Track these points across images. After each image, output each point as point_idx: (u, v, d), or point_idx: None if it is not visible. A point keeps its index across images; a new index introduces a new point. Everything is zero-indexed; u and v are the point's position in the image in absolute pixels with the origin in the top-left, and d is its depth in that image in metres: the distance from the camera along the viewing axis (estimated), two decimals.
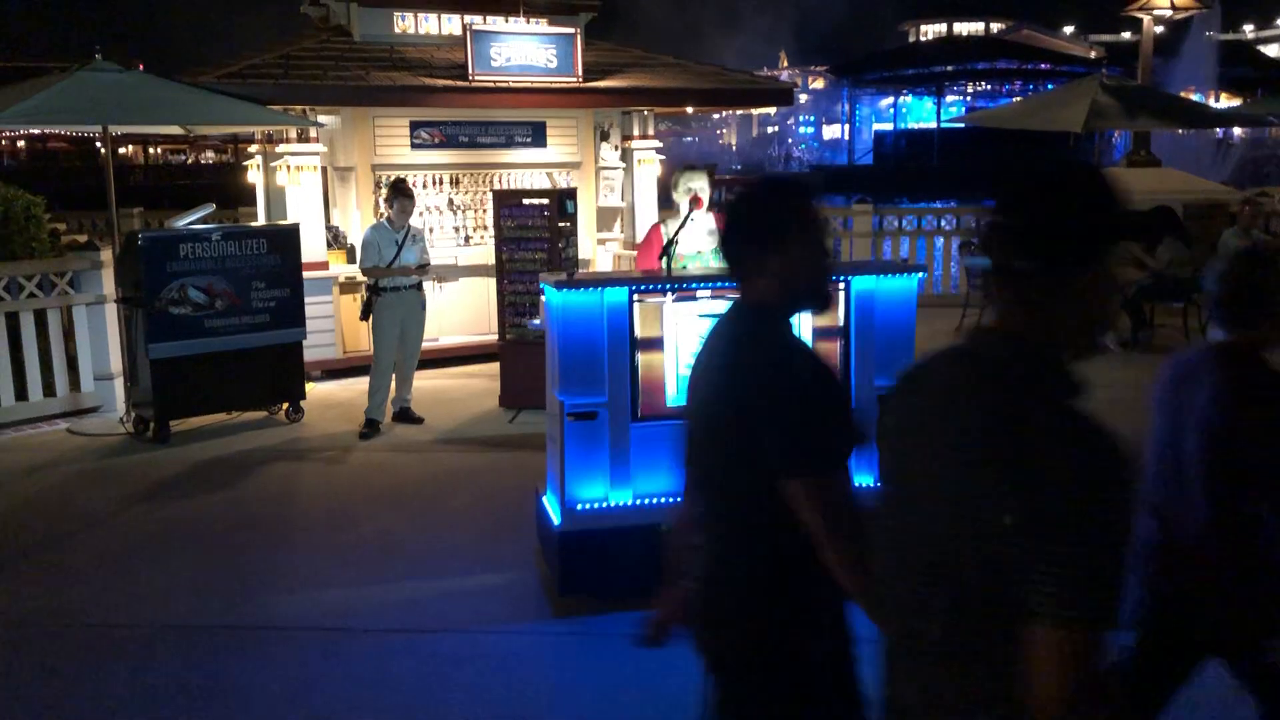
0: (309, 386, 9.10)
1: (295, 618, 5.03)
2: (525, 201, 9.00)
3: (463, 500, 6.73)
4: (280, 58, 10.05)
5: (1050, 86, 75.90)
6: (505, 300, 9.02)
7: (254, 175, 11.03)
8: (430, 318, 8.81)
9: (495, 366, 9.22)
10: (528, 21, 10.96)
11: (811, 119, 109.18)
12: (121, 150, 62.99)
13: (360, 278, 8.88)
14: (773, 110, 46.01)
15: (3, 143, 68.65)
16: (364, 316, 8.37)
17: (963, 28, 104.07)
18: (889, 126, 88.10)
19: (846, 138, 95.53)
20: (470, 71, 10.15)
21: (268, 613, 5.09)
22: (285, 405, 8.66)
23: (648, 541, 4.87)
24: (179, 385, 8.04)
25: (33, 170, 56.75)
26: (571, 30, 10.70)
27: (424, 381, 9.23)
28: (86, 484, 7.11)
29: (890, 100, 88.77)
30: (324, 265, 9.95)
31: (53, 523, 6.38)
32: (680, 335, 4.92)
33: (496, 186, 10.76)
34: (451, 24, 11.03)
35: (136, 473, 7.31)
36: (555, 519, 5.01)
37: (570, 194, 9.43)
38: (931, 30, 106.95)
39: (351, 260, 9.98)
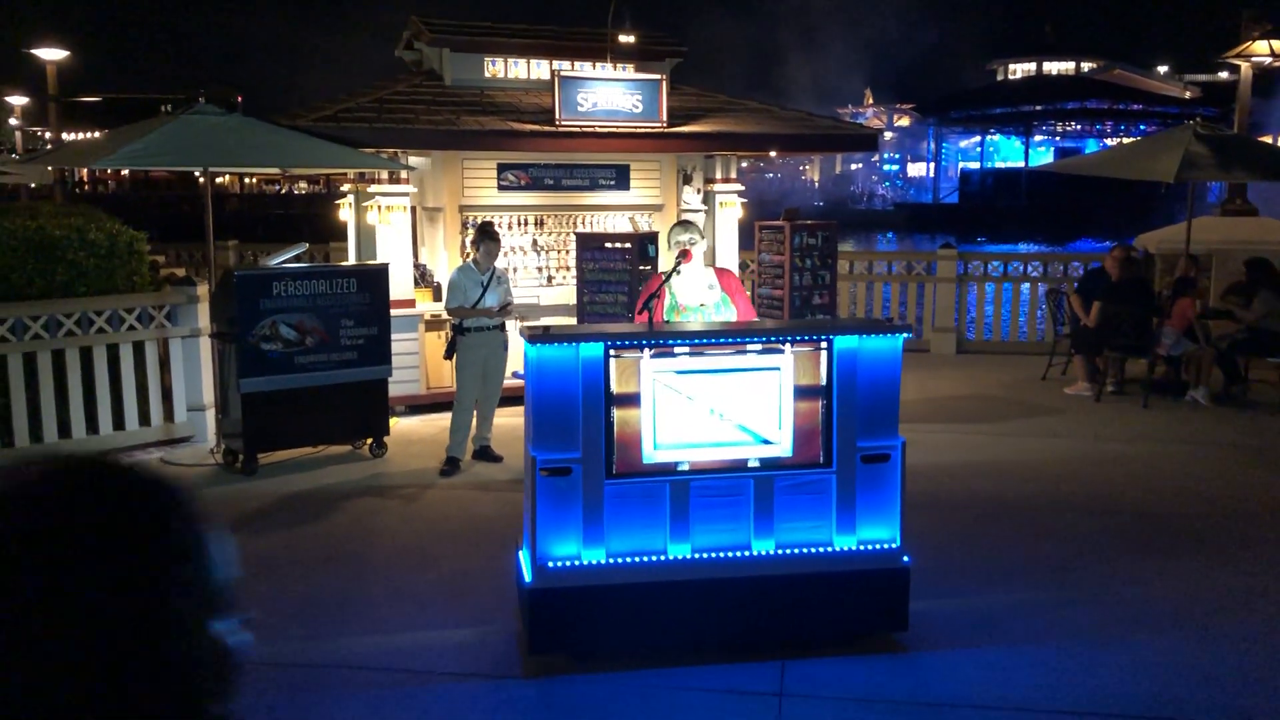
0: (393, 422, 9.29)
1: (369, 658, 5.12)
2: (607, 245, 9.14)
3: None
4: (374, 101, 10.35)
5: (1143, 128, 74.58)
6: None
7: (346, 213, 11.36)
8: (512, 356, 8.94)
9: None
10: (615, 68, 11.13)
11: (896, 156, 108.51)
12: (219, 179, 65.10)
13: (445, 316, 9.07)
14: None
15: (108, 171, 71.44)
16: (448, 356, 8.54)
17: (1052, 67, 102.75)
18: (975, 165, 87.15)
19: (931, 175, 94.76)
20: (557, 117, 10.34)
21: (343, 652, 5.20)
22: (369, 441, 8.86)
23: (622, 601, 4.92)
24: (268, 419, 8.28)
25: (135, 200, 58.99)
26: (657, 76, 10.84)
27: (504, 419, 9.35)
28: None
29: (977, 139, 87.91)
30: (410, 303, 10.17)
31: None
32: (658, 392, 4.93)
33: (580, 227, 10.92)
34: (540, 69, 11.25)
35: (224, 504, 7.52)
36: (526, 576, 4.96)
37: (651, 238, 9.54)
38: (1020, 69, 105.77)
39: (437, 298, 10.20)
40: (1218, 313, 11.51)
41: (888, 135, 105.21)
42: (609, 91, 10.59)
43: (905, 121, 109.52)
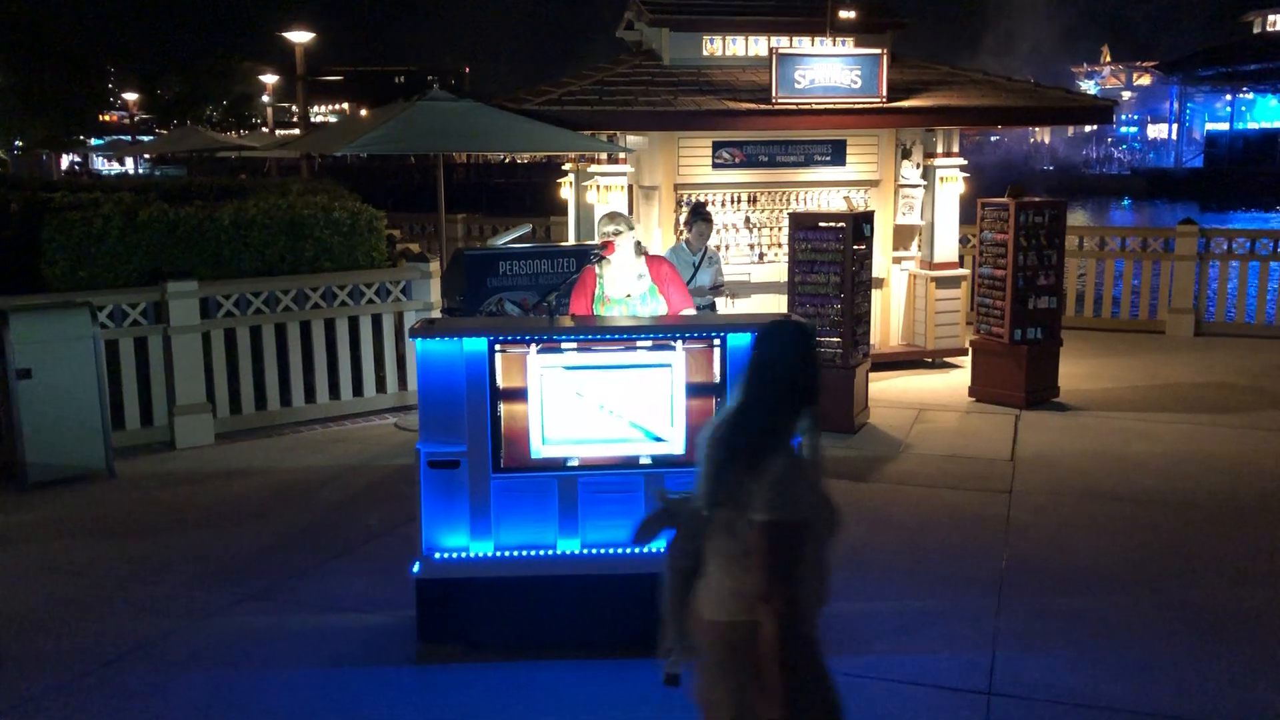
0: None
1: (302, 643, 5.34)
2: (821, 225, 9.07)
3: None
4: (595, 84, 10.61)
5: None
6: None
7: (566, 192, 11.75)
8: None
9: None
10: (834, 43, 10.99)
11: (1134, 118, 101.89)
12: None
13: None
14: None
15: None
16: None
17: None
18: (1224, 127, 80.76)
19: (1174, 138, 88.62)
20: (774, 94, 10.31)
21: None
22: None
23: (512, 594, 4.91)
24: None
25: (370, 169, 62.38)
26: (877, 51, 10.63)
27: None
28: (405, 480, 7.85)
29: (1227, 98, 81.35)
30: None
31: (386, 513, 7.10)
32: (545, 387, 4.85)
33: (793, 205, 10.88)
34: (758, 45, 11.24)
35: None
36: (415, 566, 4.99)
37: (867, 217, 9.41)
38: None
39: None
40: None
41: (1125, 95, 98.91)
42: (827, 68, 10.47)
43: (1145, 80, 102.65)
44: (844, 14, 11.23)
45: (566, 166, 11.75)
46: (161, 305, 8.48)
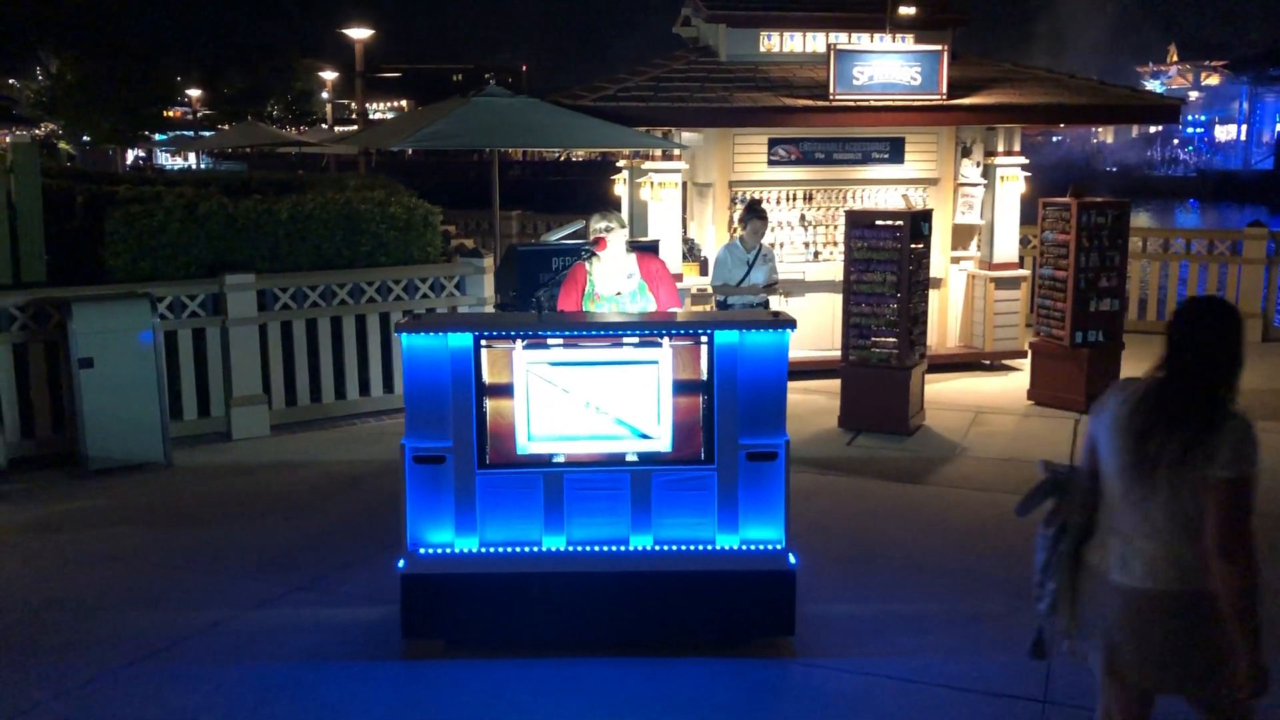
0: None
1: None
2: (878, 223, 8.94)
3: (796, 528, 6.82)
4: (651, 80, 10.57)
5: None
6: (850, 321, 9.02)
7: (620, 189, 11.72)
8: None
9: (836, 383, 9.26)
10: (893, 39, 10.85)
11: (1202, 118, 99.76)
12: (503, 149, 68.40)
13: (711, 291, 9.21)
14: None
15: None
16: None
17: None
18: None
19: (1243, 139, 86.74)
20: (831, 91, 10.21)
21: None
22: None
23: (497, 591, 4.83)
24: None
25: (426, 166, 62.95)
26: (938, 47, 10.48)
27: None
28: None
29: None
30: (679, 278, 10.37)
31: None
32: (531, 383, 4.77)
33: (849, 203, 10.76)
34: (816, 41, 11.13)
35: None
36: (400, 561, 4.95)
37: (925, 215, 9.27)
38: None
39: (704, 273, 10.36)
40: None
41: (1193, 95, 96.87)
42: (885, 64, 10.35)
43: (1214, 80, 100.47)
44: (904, 10, 11.11)
45: (620, 164, 11.72)
46: (220, 297, 8.58)
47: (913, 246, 8.85)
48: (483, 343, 4.82)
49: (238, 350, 8.64)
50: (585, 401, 4.87)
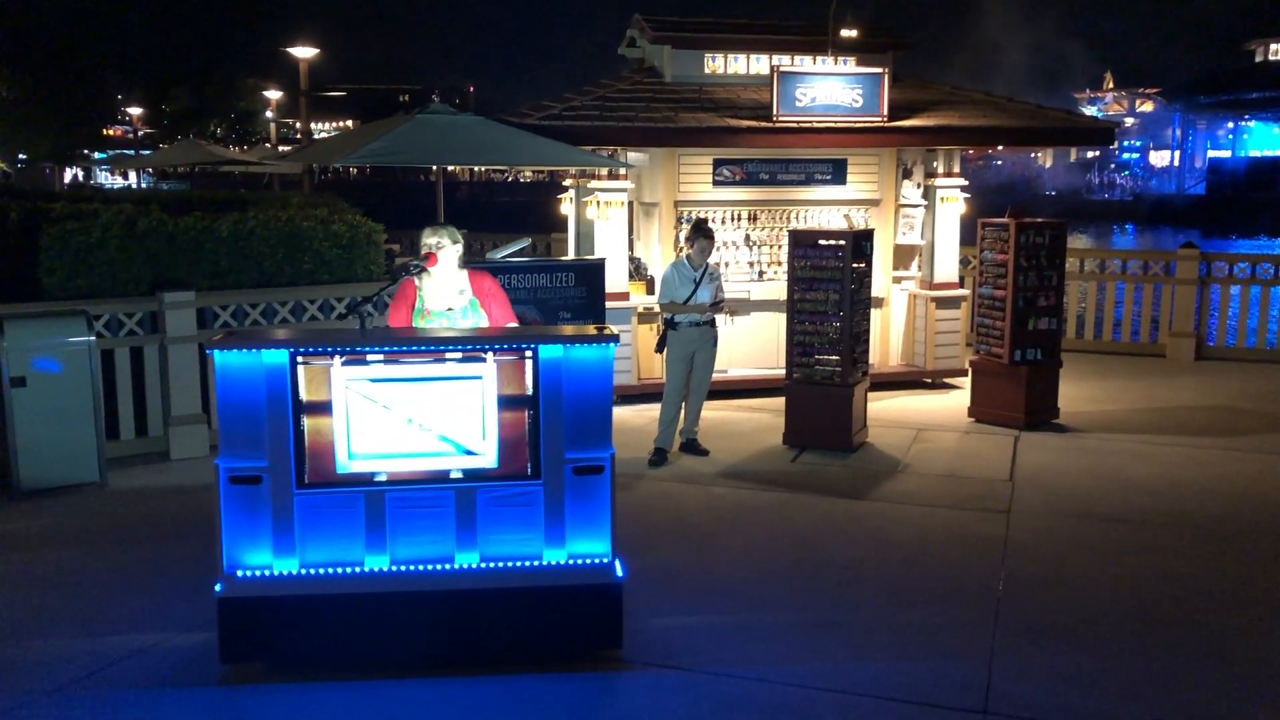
0: None
1: None
2: (821, 243, 9.05)
3: (738, 541, 6.86)
4: (597, 99, 10.62)
5: None
6: (794, 339, 9.11)
7: (567, 208, 11.74)
8: (721, 350, 9.04)
9: (782, 401, 9.32)
10: (836, 61, 11.01)
11: (1137, 144, 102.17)
12: (450, 168, 68.33)
13: (657, 309, 9.25)
14: None
15: None
16: (659, 349, 8.71)
17: None
18: (1227, 154, 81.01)
19: (1176, 165, 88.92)
20: (775, 112, 10.32)
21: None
22: None
23: (319, 613, 4.76)
24: None
25: (372, 185, 62.59)
26: (879, 70, 10.64)
27: (711, 412, 9.46)
28: None
29: (1229, 125, 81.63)
30: (625, 296, 10.41)
31: None
32: (351, 400, 4.73)
33: (793, 223, 10.88)
34: (760, 64, 11.25)
35: None
36: (217, 585, 4.82)
37: (867, 235, 9.40)
38: None
39: (650, 291, 10.40)
40: None
41: (1128, 121, 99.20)
42: (828, 86, 10.48)
43: (1148, 107, 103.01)
44: (846, 33, 11.28)
45: (567, 183, 11.75)
46: (158, 315, 8.45)
47: (855, 266, 8.96)
48: (299, 359, 4.70)
49: (177, 369, 8.51)
50: (408, 418, 4.79)
